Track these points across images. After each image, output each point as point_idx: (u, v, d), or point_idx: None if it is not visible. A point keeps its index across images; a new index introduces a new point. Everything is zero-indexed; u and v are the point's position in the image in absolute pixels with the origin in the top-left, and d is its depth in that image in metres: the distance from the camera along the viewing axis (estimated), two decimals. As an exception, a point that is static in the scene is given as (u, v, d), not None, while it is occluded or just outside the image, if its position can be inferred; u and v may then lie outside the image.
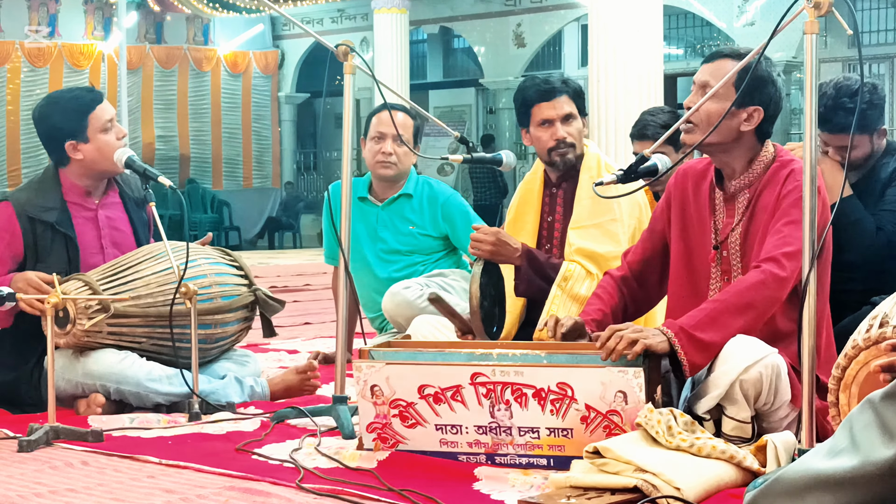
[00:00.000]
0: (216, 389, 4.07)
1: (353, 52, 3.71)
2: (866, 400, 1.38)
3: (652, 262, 3.54)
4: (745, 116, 3.29)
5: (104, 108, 4.17)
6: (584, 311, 3.49)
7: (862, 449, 1.34)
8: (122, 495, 2.89)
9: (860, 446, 1.35)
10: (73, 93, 4.24)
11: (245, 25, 20.89)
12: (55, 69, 18.42)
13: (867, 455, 1.33)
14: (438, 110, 21.10)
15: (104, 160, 4.15)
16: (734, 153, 3.34)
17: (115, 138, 4.16)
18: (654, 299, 3.62)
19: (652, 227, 3.57)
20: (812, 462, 1.39)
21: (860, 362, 2.70)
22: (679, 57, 19.00)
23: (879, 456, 1.32)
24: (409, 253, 4.92)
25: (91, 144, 4.13)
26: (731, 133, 3.29)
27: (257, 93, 21.30)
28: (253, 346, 5.58)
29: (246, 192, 21.02)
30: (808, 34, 2.76)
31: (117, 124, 4.20)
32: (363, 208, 5.02)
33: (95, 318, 3.90)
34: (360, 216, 4.96)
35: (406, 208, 4.98)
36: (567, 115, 4.06)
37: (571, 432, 3.00)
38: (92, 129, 4.13)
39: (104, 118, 4.14)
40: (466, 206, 5.00)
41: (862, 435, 1.36)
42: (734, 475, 2.80)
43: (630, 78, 8.37)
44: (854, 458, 1.34)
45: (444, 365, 3.11)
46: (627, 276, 3.55)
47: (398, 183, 5.00)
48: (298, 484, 2.92)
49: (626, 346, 2.96)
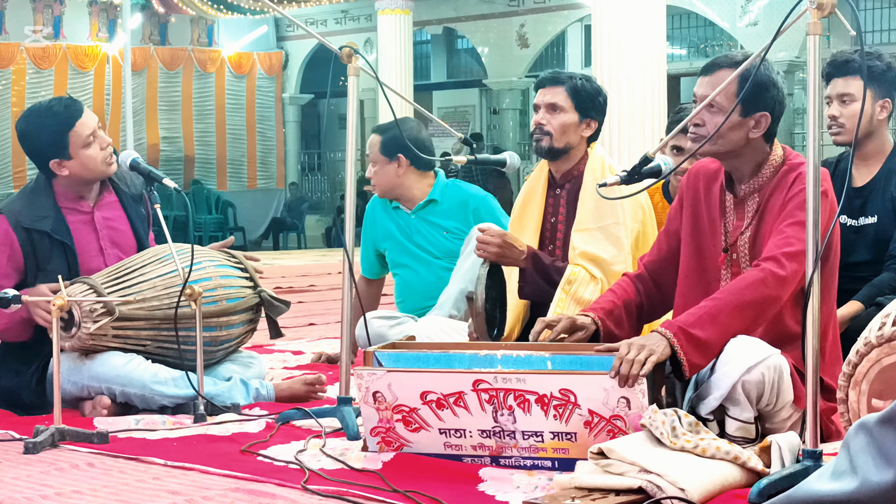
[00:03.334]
0: (221, 391, 4.08)
1: (357, 54, 3.71)
2: (860, 424, 1.39)
3: (668, 262, 3.51)
4: (752, 124, 3.29)
5: (84, 122, 4.10)
6: (596, 301, 3.48)
7: (860, 472, 1.36)
8: (127, 497, 2.90)
9: (858, 470, 1.36)
10: (52, 109, 4.14)
11: (249, 27, 20.92)
12: (60, 71, 18.45)
13: (865, 479, 1.35)
14: (442, 111, 21.11)
15: (90, 172, 4.13)
16: (744, 158, 3.34)
17: (98, 149, 4.11)
18: (670, 301, 3.54)
19: (668, 227, 3.55)
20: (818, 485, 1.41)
21: (872, 360, 2.70)
22: (682, 57, 19.00)
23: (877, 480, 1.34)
24: (446, 256, 4.88)
25: (75, 160, 4.11)
26: (741, 141, 3.29)
27: (261, 94, 21.33)
28: (258, 348, 5.59)
29: (250, 193, 21.04)
30: (812, 35, 2.76)
31: (100, 133, 4.13)
32: (396, 216, 4.98)
33: (101, 322, 3.91)
34: (395, 224, 4.96)
35: (435, 214, 4.91)
36: (552, 105, 4.07)
37: (575, 436, 2.99)
38: (73, 147, 4.09)
39: (84, 133, 4.09)
40: (497, 208, 4.91)
41: (858, 459, 1.37)
42: (738, 476, 2.80)
43: (633, 78, 8.36)
44: (854, 481, 1.36)
45: (446, 372, 3.11)
46: (644, 276, 3.52)
47: (416, 193, 4.91)
48: (303, 485, 2.92)
49: (640, 369, 2.94)
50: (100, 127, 4.19)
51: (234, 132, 20.95)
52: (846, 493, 1.36)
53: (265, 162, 21.56)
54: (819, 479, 1.41)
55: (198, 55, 20.31)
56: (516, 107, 20.73)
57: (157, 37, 19.89)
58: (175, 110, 20.10)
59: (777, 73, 3.36)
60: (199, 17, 19.90)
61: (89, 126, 4.12)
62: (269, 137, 21.58)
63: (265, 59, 21.33)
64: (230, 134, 20.88)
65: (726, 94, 3.21)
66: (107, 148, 4.15)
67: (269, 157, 21.63)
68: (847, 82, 4.09)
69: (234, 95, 20.89)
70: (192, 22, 20.27)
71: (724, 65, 3.32)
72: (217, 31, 20.70)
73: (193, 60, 20.24)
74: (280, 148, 21.91)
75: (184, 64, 20.10)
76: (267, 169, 21.60)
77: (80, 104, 4.19)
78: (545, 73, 4.18)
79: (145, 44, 19.55)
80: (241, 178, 21.21)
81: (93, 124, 4.14)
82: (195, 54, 20.27)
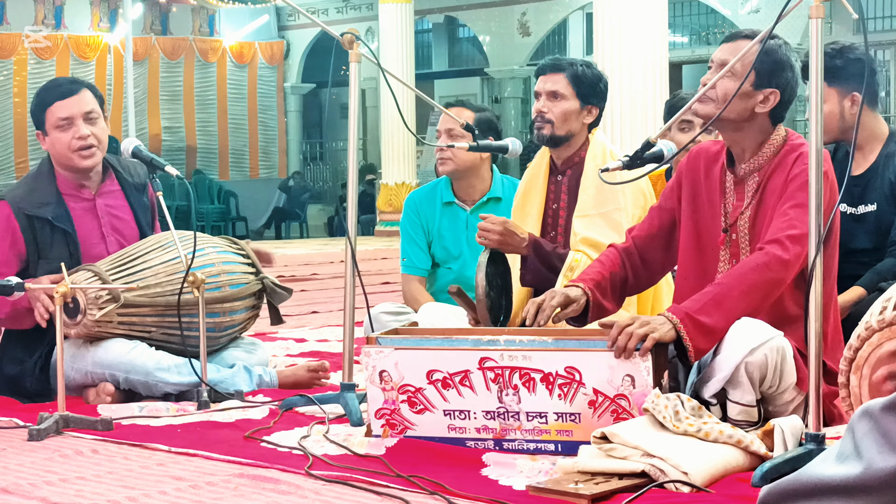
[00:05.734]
0: (225, 378, 4.09)
1: (359, 41, 3.71)
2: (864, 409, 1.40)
3: (657, 238, 3.53)
4: (761, 98, 3.29)
5: (63, 105, 4.10)
6: (584, 272, 3.48)
7: (864, 457, 1.37)
8: (131, 483, 2.90)
9: (863, 454, 1.37)
10: (57, 82, 4.22)
11: (250, 16, 20.90)
12: (61, 61, 18.43)
13: (869, 464, 1.36)
14: (444, 99, 21.02)
15: (59, 155, 4.15)
16: (746, 132, 3.34)
17: (70, 137, 4.10)
18: (655, 275, 3.60)
19: (661, 204, 3.56)
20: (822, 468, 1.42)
21: (873, 344, 2.70)
22: (684, 45, 18.97)
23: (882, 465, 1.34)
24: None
25: (50, 137, 4.16)
26: (746, 112, 3.30)
27: (263, 83, 21.31)
28: (261, 335, 5.60)
29: (252, 182, 21.04)
30: (814, 18, 2.76)
31: (81, 125, 4.10)
32: (450, 213, 4.74)
33: (106, 308, 3.91)
34: (446, 220, 4.74)
35: (498, 213, 4.50)
36: (553, 92, 4.06)
37: (579, 417, 3.00)
38: (49, 124, 4.14)
39: (59, 115, 4.10)
40: None
41: (863, 443, 1.38)
42: (741, 459, 2.81)
43: (635, 66, 8.35)
44: (858, 465, 1.37)
45: (453, 350, 3.12)
46: (631, 249, 3.54)
47: (479, 184, 4.70)
48: (307, 471, 2.93)
49: (636, 343, 2.96)
50: (91, 120, 4.13)
51: (236, 122, 20.94)
52: (851, 478, 1.36)
53: (267, 151, 21.56)
54: (823, 463, 1.42)
55: (199, 45, 20.29)
56: (518, 95, 20.72)
57: (159, 26, 19.88)
58: (177, 100, 20.09)
59: (797, 59, 3.36)
60: (201, 7, 19.88)
61: (69, 111, 4.11)
62: (270, 127, 21.57)
63: (266, 48, 21.31)
64: (232, 124, 20.87)
65: (744, 62, 3.22)
66: (85, 139, 4.10)
67: (270, 146, 21.62)
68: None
69: (236, 85, 20.88)
70: (193, 11, 20.25)
71: (748, 36, 3.33)
72: (218, 20, 20.68)
73: (195, 50, 20.22)
74: (282, 137, 21.90)
75: (185, 54, 20.09)
76: (269, 158, 21.60)
77: (80, 88, 4.17)
78: (546, 60, 4.16)
79: (147, 34, 19.54)
80: (243, 167, 21.21)
81: (75, 111, 4.11)
82: (196, 44, 20.25)
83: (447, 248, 4.73)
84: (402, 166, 16.11)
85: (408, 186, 15.71)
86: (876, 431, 1.36)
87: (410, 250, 4.76)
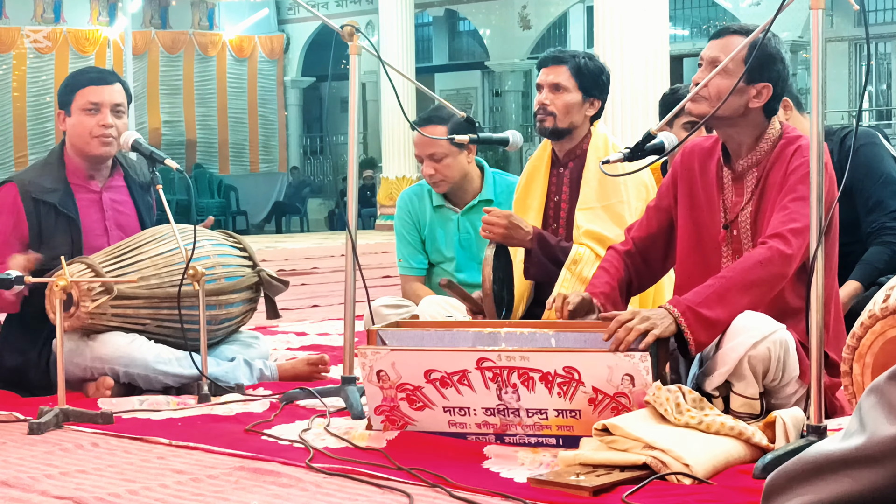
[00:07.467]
0: (225, 372, 4.08)
1: (358, 33, 3.70)
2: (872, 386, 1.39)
3: (657, 238, 3.53)
4: (754, 93, 3.28)
5: (96, 90, 4.14)
6: (592, 283, 3.48)
7: (868, 428, 1.35)
8: (132, 476, 2.90)
9: (867, 427, 1.35)
10: (88, 68, 4.32)
11: (250, 10, 20.89)
12: (61, 55, 18.42)
13: (873, 432, 1.34)
14: (444, 93, 21.06)
15: (78, 139, 4.15)
16: (742, 128, 3.33)
17: (94, 123, 4.12)
18: (657, 275, 3.62)
19: (657, 203, 3.56)
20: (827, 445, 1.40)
21: (876, 332, 2.69)
22: (685, 38, 18.97)
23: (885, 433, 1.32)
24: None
25: (72, 118, 4.17)
26: (740, 109, 3.28)
27: (263, 77, 21.30)
28: (262, 329, 5.59)
29: (253, 176, 21.03)
30: (814, 9, 2.75)
31: (108, 114, 4.12)
32: (441, 215, 4.68)
33: (99, 300, 3.90)
34: (438, 223, 4.68)
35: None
36: (555, 85, 4.05)
37: (579, 413, 2.99)
38: (75, 105, 4.16)
39: (89, 99, 4.13)
40: None
41: (868, 416, 1.36)
42: (743, 451, 2.80)
43: (636, 59, 8.35)
44: (861, 437, 1.35)
45: (450, 351, 3.10)
46: (632, 251, 3.54)
47: (469, 187, 4.59)
48: (308, 464, 2.93)
49: (635, 338, 2.95)
50: (117, 113, 4.17)
51: (236, 116, 20.93)
52: (854, 448, 1.34)
53: (267, 145, 21.55)
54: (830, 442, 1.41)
55: (199, 39, 20.28)
56: (518, 88, 20.71)
57: (158, 20, 19.86)
58: (176, 94, 20.09)
59: (786, 51, 3.35)
60: (200, 1, 19.88)
61: (100, 97, 4.14)
62: (270, 121, 21.56)
63: (266, 42, 21.30)
64: (232, 118, 20.87)
65: (734, 58, 3.21)
66: (108, 129, 4.13)
67: (270, 140, 21.62)
68: None
69: (236, 79, 20.87)
70: (192, 5, 20.23)
71: (736, 31, 3.32)
72: (218, 14, 20.66)
73: (194, 44, 20.20)
74: (282, 131, 21.90)
75: (185, 48, 20.07)
76: (269, 153, 21.60)
77: (115, 80, 4.23)
78: (548, 52, 4.15)
79: (146, 28, 19.52)
80: (244, 161, 21.21)
81: (106, 99, 4.15)
82: (196, 38, 20.24)
83: (440, 249, 4.69)
84: (403, 160, 16.10)
85: (408, 180, 15.71)
86: (881, 403, 1.35)
87: (406, 251, 4.72)
